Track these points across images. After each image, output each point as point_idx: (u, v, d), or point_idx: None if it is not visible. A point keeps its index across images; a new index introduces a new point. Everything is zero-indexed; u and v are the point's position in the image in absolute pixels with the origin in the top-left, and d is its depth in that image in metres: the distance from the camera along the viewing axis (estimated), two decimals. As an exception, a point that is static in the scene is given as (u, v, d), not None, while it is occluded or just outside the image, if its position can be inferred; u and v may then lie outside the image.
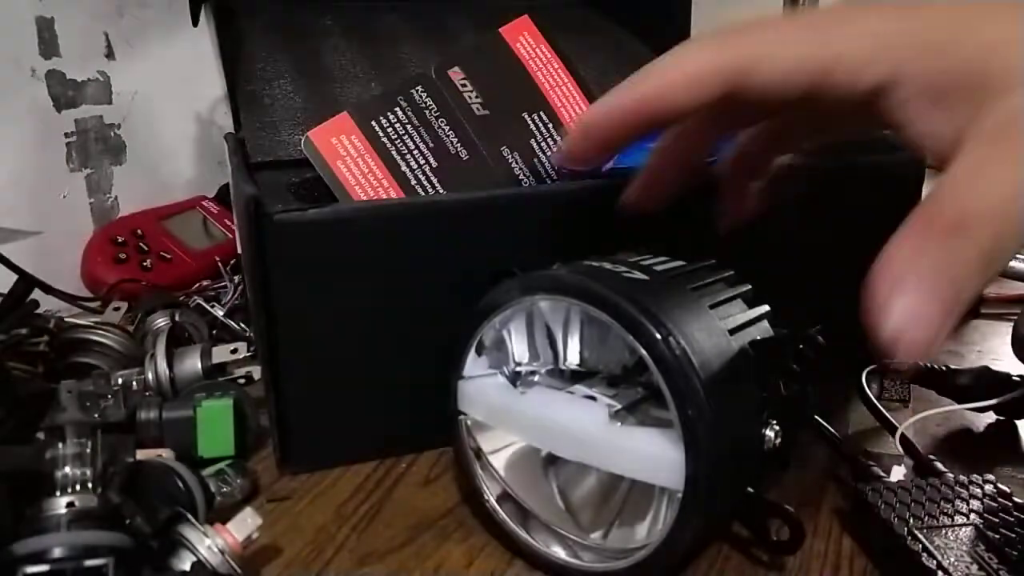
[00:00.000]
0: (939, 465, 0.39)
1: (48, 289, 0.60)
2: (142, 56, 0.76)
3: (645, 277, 0.32)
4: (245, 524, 0.35)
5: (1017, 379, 0.46)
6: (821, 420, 0.42)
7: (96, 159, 0.74)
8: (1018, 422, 0.46)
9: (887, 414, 0.43)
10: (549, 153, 0.47)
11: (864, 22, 0.27)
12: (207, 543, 0.31)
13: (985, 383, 0.46)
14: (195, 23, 0.57)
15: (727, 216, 0.39)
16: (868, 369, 0.46)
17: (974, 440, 0.45)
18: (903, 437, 0.41)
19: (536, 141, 0.48)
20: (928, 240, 0.24)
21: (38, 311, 0.58)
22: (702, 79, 0.28)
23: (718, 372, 0.29)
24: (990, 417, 0.46)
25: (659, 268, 0.34)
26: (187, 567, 0.31)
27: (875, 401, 0.45)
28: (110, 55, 0.74)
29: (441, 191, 0.45)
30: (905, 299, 0.23)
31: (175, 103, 0.78)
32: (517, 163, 0.47)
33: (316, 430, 0.42)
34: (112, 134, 0.76)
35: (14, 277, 0.59)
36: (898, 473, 0.38)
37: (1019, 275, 0.69)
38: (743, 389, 0.31)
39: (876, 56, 0.26)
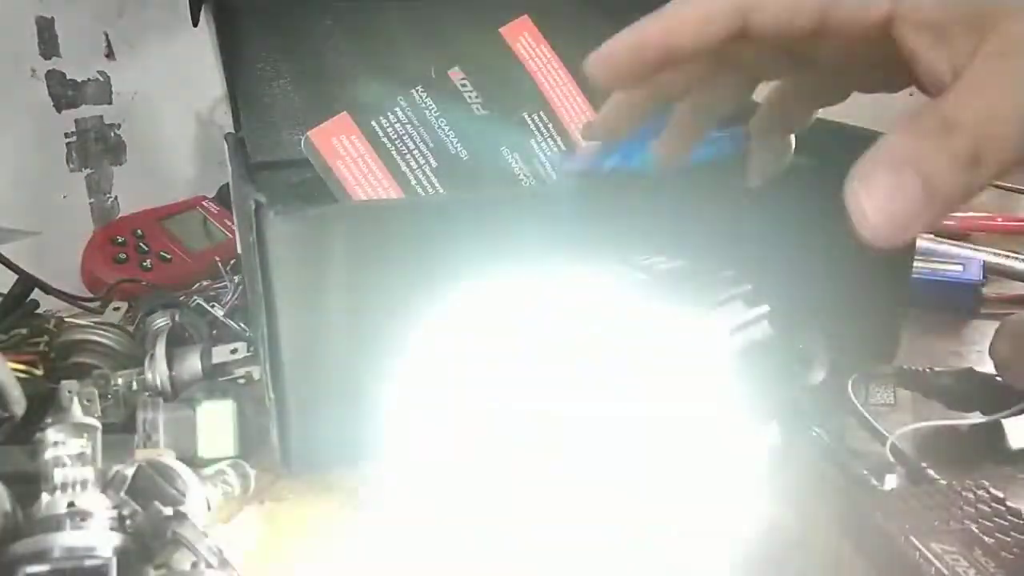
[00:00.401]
0: (931, 472, 0.39)
1: (48, 289, 0.60)
2: (142, 56, 0.76)
3: (645, 277, 0.32)
4: (245, 524, 0.35)
5: (1000, 380, 0.46)
6: (816, 428, 0.42)
7: (96, 159, 0.74)
8: (1004, 421, 0.46)
9: (875, 424, 0.44)
10: (549, 153, 0.47)
11: None
12: (207, 543, 0.31)
13: (969, 385, 0.46)
14: (195, 23, 0.57)
15: (757, 171, 0.38)
16: (853, 377, 0.46)
17: (961, 440, 0.45)
18: (893, 446, 0.41)
19: (536, 141, 0.48)
20: (911, 136, 0.24)
21: (38, 311, 0.59)
22: (711, 16, 0.29)
23: (719, 371, 0.29)
24: (976, 416, 0.46)
25: (660, 268, 0.34)
26: (187, 567, 0.31)
27: (863, 411, 0.45)
28: (110, 55, 0.74)
29: (441, 191, 0.45)
30: (883, 178, 0.24)
31: (175, 103, 0.78)
32: (517, 163, 0.47)
33: (316, 430, 0.42)
34: (112, 134, 0.75)
35: (14, 277, 0.59)
36: (891, 482, 0.39)
37: (1019, 275, 0.69)
38: (743, 388, 0.31)
39: None
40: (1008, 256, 0.70)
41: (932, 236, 0.72)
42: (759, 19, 0.28)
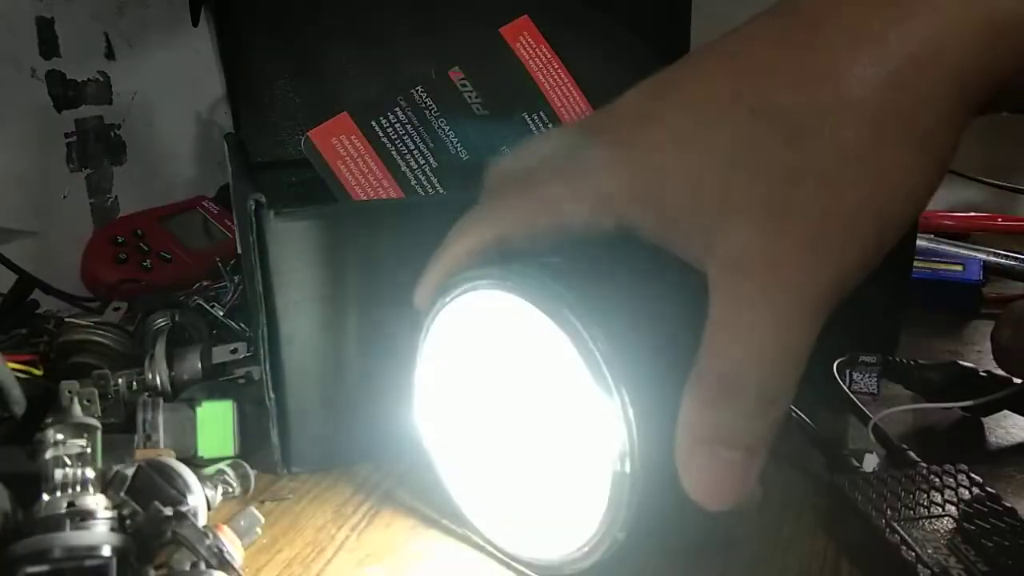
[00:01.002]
0: (912, 455, 0.39)
1: (48, 289, 0.60)
2: (142, 56, 0.76)
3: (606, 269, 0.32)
4: (245, 524, 0.35)
5: (983, 375, 0.46)
6: (795, 410, 0.42)
7: (96, 159, 0.74)
8: (984, 419, 0.46)
9: (860, 404, 0.44)
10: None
11: (588, 174, 0.28)
12: (207, 543, 0.31)
13: (952, 378, 0.46)
14: (195, 23, 0.57)
15: None
16: (838, 361, 0.46)
17: (941, 436, 0.45)
18: (876, 427, 0.41)
19: (536, 141, 0.48)
20: (705, 409, 0.25)
21: (38, 311, 0.59)
22: (477, 251, 0.32)
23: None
24: (957, 413, 0.46)
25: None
26: (187, 567, 0.31)
27: (848, 392, 0.45)
28: (110, 55, 0.74)
29: (441, 191, 0.45)
30: (702, 464, 0.26)
31: (175, 103, 0.78)
32: (517, 163, 0.47)
33: (316, 430, 0.42)
34: (112, 134, 0.75)
35: (14, 277, 0.59)
36: (871, 463, 0.39)
37: (1019, 275, 0.69)
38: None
39: (598, 214, 0.28)
40: (1008, 256, 0.70)
41: (932, 236, 0.73)
42: (515, 242, 0.31)
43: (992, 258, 0.69)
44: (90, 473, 0.32)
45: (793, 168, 0.24)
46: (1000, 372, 0.46)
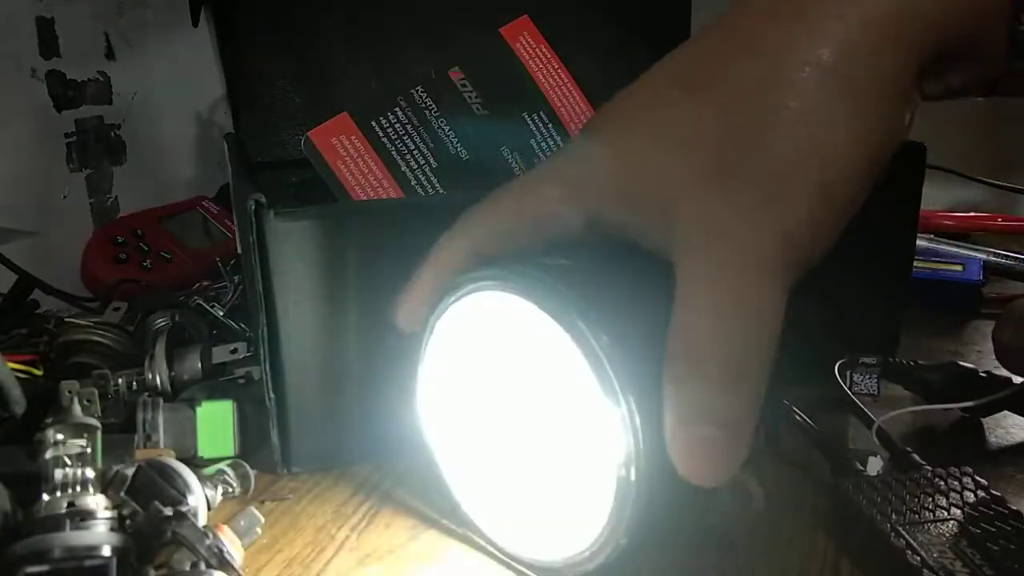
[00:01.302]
0: (916, 457, 0.39)
1: (48, 289, 0.60)
2: (142, 56, 0.76)
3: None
4: (245, 524, 0.35)
5: (983, 375, 0.46)
6: (797, 411, 0.42)
7: (96, 159, 0.74)
8: (984, 419, 0.46)
9: (863, 407, 0.44)
10: (549, 153, 0.47)
11: (560, 170, 0.30)
12: (207, 543, 0.31)
13: (952, 379, 0.46)
14: (195, 23, 0.57)
15: None
16: (839, 363, 0.46)
17: (941, 437, 0.45)
18: (880, 430, 0.41)
19: (536, 141, 0.48)
20: (678, 388, 0.25)
21: (38, 311, 0.59)
22: (461, 262, 0.32)
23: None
24: (956, 414, 0.46)
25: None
26: (187, 567, 0.31)
27: (850, 394, 0.45)
28: (110, 55, 0.74)
29: (441, 191, 0.45)
30: (684, 450, 0.26)
31: (175, 103, 0.78)
32: (517, 163, 0.47)
33: (316, 430, 0.42)
34: (112, 134, 0.75)
35: (14, 277, 0.59)
36: (874, 466, 0.38)
37: (1019, 275, 0.69)
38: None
39: (570, 207, 0.29)
40: (1008, 256, 0.70)
41: (932, 236, 0.73)
42: (491, 251, 0.31)
43: (992, 258, 0.69)
44: (90, 473, 0.32)
45: (726, 133, 0.25)
46: (1000, 372, 0.46)
